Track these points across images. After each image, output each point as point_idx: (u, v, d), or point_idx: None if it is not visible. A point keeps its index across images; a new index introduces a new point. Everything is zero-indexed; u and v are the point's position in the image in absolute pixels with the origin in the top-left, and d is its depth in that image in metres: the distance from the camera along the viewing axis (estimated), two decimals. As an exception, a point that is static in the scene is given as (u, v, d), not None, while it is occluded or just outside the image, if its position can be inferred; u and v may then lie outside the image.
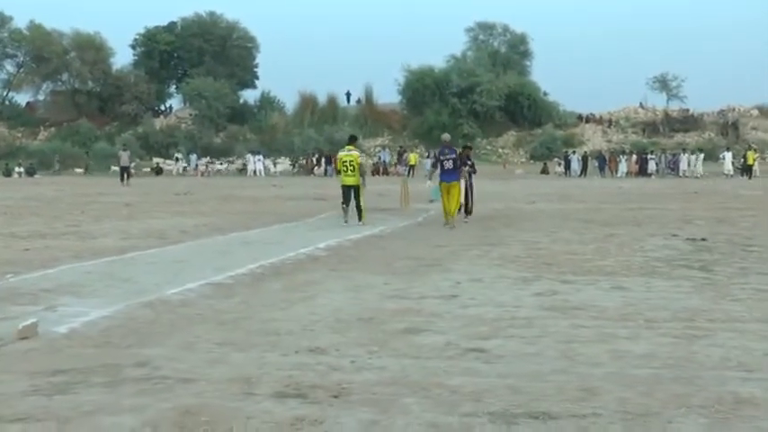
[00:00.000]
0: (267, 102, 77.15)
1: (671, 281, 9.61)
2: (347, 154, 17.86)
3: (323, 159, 57.01)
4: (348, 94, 77.49)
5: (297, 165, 59.48)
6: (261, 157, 57.63)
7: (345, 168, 17.59)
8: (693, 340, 6.53)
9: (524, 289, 9.19)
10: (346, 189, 17.60)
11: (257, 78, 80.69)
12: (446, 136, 18.83)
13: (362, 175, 17.71)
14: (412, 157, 53.44)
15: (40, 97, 77.30)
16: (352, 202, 17.61)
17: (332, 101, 74.99)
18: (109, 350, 6.39)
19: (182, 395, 5.13)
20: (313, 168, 57.00)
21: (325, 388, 5.28)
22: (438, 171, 17.87)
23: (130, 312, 7.79)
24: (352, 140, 18.96)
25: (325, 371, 5.71)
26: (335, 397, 5.10)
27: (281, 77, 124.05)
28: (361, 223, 17.18)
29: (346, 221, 17.39)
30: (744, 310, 7.76)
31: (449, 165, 17.46)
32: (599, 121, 73.43)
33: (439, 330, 7.03)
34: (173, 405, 4.91)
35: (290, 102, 77.62)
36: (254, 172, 55.62)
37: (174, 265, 11.10)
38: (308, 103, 73.74)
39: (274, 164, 59.40)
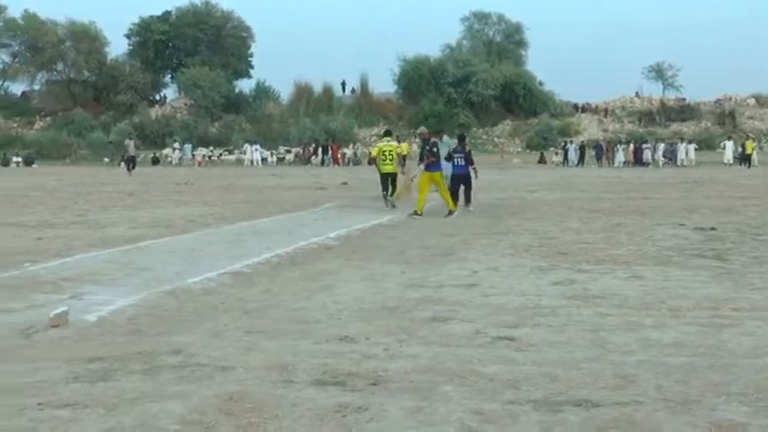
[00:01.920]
0: (262, 91, 77.02)
1: (687, 270, 9.65)
2: (387, 144, 19.26)
3: (320, 149, 57.02)
4: (343, 84, 77.44)
5: (294, 154, 59.49)
6: (258, 146, 57.57)
7: (385, 157, 18.84)
8: (721, 329, 6.57)
9: (542, 278, 9.22)
10: (385, 176, 18.91)
11: (252, 68, 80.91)
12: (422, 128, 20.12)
13: (400, 164, 19.25)
14: (404, 147, 52.65)
15: (36, 87, 77.31)
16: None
17: (327, 90, 74.99)
18: (141, 338, 6.41)
19: (222, 382, 5.16)
20: (310, 158, 56.95)
21: (363, 376, 5.31)
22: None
23: (155, 301, 7.81)
24: (389, 134, 20.80)
25: (360, 359, 5.74)
26: (374, 384, 5.13)
27: (276, 67, 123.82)
28: (392, 202, 18.55)
29: (388, 205, 18.58)
30: (766, 299, 7.81)
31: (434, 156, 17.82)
32: (595, 110, 73.65)
33: (465, 319, 7.06)
34: (215, 392, 4.94)
35: (285, 91, 77.72)
36: (252, 162, 55.52)
37: (190, 254, 11.11)
38: (303, 92, 73.73)
39: (272, 153, 59.31)
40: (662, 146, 51.65)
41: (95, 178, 36.17)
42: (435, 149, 17.70)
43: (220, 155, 61.32)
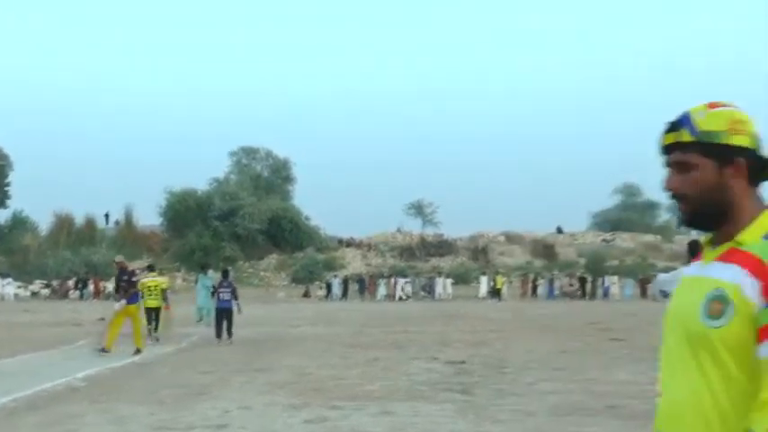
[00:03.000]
0: (19, 222, 73.62)
1: (435, 404, 9.92)
2: (151, 280, 19.64)
3: (80, 283, 54.79)
4: (107, 216, 75.65)
5: (51, 288, 56.62)
6: (10, 279, 54.39)
7: (150, 292, 19.16)
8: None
9: (294, 416, 9.17)
10: (149, 311, 19.28)
11: (9, 198, 77.11)
12: (119, 258, 19.43)
13: (165, 299, 19.74)
14: (164, 281, 51.11)
15: None
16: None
17: (90, 222, 73.05)
18: None
19: None
20: (68, 292, 54.46)
21: None
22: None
23: None
24: (152, 268, 21.48)
25: None
26: None
27: (35, 197, 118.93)
28: (156, 336, 19.02)
29: (151, 340, 18.64)
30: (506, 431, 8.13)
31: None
32: (359, 245, 75.65)
33: (210, 463, 6.86)
34: None
35: (44, 222, 74.70)
36: (2, 297, 52.18)
37: None
38: (63, 223, 71.31)
39: (26, 287, 56.12)
40: (402, 280, 53.87)
41: None
42: (134, 279, 17.46)
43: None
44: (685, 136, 1.97)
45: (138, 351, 16.51)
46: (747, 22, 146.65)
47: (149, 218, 75.01)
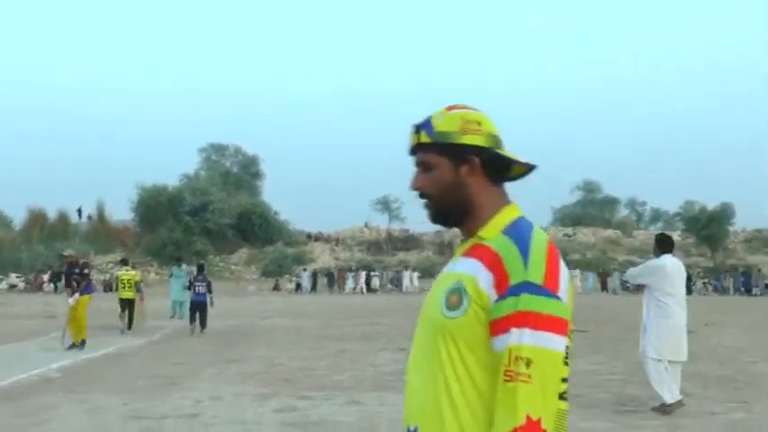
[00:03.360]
0: (-8, 217, 73.21)
1: (402, 394, 10.21)
2: (125, 273, 20.98)
3: (54, 276, 54.71)
4: (80, 211, 75.37)
5: (26, 281, 56.49)
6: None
7: (124, 285, 20.54)
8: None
9: (264, 405, 9.46)
10: (123, 302, 20.37)
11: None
12: (69, 251, 19.41)
13: (139, 290, 20.89)
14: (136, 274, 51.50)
15: None
16: None
17: (63, 217, 72.81)
18: None
19: None
20: (42, 285, 54.53)
21: None
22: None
23: None
24: (125, 262, 22.59)
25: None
26: None
27: (8, 192, 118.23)
28: (130, 331, 19.85)
29: (123, 331, 19.68)
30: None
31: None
32: (327, 239, 75.90)
33: (184, 449, 7.15)
34: None
35: (18, 217, 74.45)
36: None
37: None
38: (37, 218, 71.06)
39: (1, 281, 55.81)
40: (363, 274, 54.22)
41: None
42: (86, 271, 17.27)
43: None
44: (424, 137, 2.08)
45: (72, 346, 16.20)
46: (747, 22, 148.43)
47: (122, 213, 75.09)
